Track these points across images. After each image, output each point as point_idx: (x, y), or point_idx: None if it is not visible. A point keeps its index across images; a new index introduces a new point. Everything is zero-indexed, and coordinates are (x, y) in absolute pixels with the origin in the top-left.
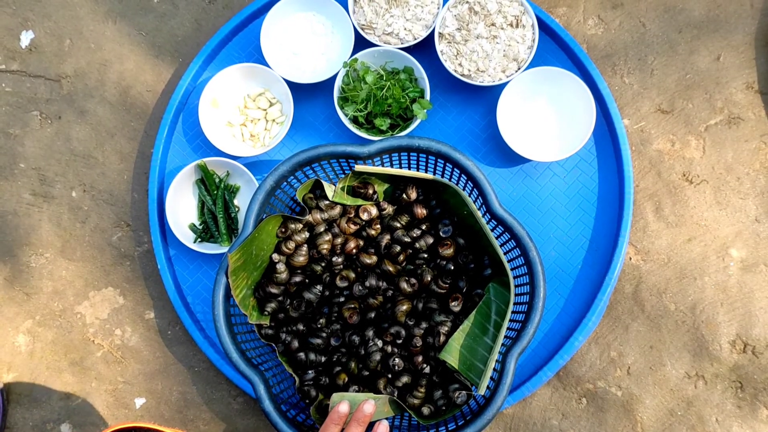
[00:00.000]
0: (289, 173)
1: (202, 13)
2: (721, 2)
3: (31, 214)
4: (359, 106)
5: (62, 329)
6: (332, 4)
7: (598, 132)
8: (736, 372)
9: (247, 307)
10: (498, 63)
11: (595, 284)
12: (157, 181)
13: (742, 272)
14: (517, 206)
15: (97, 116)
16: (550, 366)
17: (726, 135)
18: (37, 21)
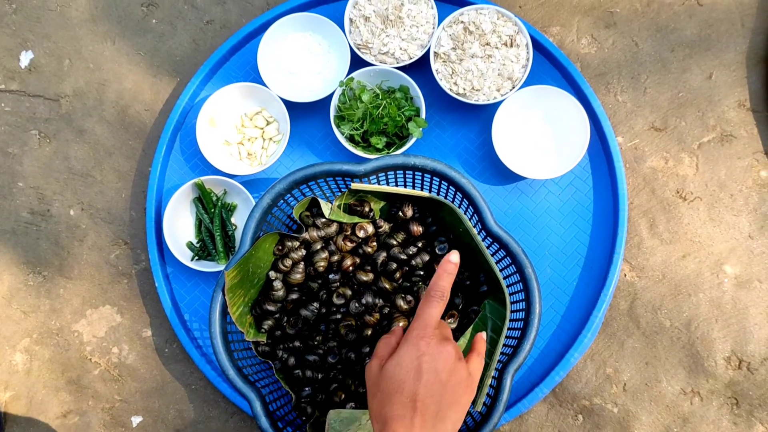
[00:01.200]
0: (285, 191)
1: (199, 33)
2: (712, 22)
3: (29, 233)
4: (355, 125)
5: (59, 347)
6: (329, 25)
7: (593, 150)
8: (732, 388)
9: (244, 325)
10: (493, 82)
11: (591, 301)
12: (155, 199)
13: (737, 288)
14: (512, 223)
15: (96, 135)
16: (546, 383)
17: (719, 152)
18: (36, 41)
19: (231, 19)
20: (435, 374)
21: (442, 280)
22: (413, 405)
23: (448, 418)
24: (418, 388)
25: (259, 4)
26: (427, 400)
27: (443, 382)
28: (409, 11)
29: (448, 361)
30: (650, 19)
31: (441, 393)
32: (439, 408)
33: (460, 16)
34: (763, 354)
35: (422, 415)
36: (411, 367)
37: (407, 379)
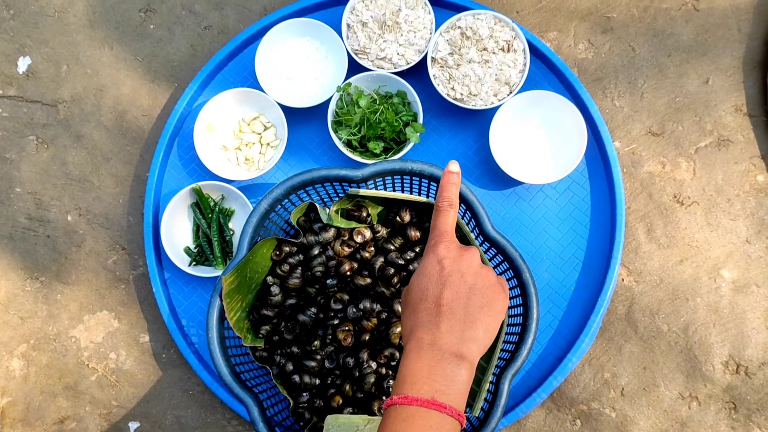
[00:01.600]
0: (283, 196)
1: (197, 38)
2: (708, 27)
3: (27, 238)
4: (353, 130)
5: (57, 353)
6: (326, 30)
7: (590, 154)
8: (730, 393)
9: (242, 330)
10: (490, 87)
11: (588, 305)
12: (153, 204)
13: (734, 293)
14: (509, 228)
15: (93, 141)
16: (544, 387)
17: (716, 157)
18: (34, 47)
19: (229, 25)
20: (459, 276)
21: (447, 191)
22: (438, 310)
23: (479, 321)
24: (443, 291)
25: (256, 9)
26: (452, 303)
27: (469, 284)
28: (407, 16)
29: (472, 263)
30: (647, 24)
31: (468, 295)
32: (467, 311)
33: (458, 21)
34: (761, 358)
35: (449, 319)
36: (433, 272)
37: (430, 284)
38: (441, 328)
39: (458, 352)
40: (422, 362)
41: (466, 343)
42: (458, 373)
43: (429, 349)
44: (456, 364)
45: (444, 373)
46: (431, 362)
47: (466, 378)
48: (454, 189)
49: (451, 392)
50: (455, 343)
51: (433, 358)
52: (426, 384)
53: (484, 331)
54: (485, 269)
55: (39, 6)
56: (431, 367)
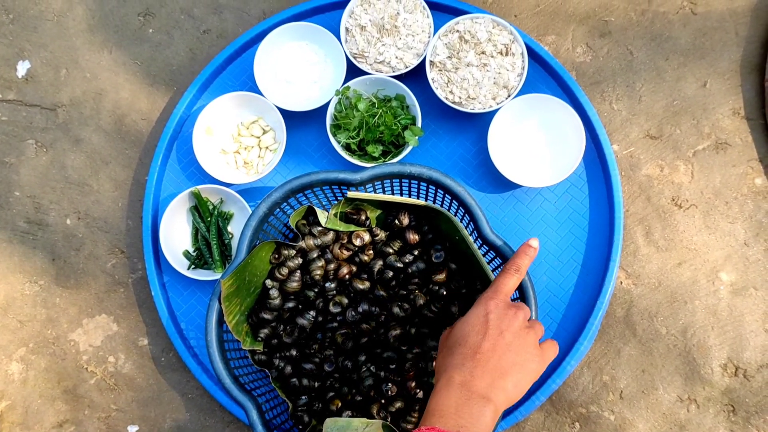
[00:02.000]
0: (282, 200)
1: (196, 42)
2: (706, 30)
3: (26, 242)
4: (351, 134)
5: (55, 357)
6: (325, 34)
7: (588, 158)
8: (728, 395)
9: (241, 333)
10: (488, 90)
11: (587, 308)
12: (152, 208)
13: (732, 296)
14: (508, 231)
15: (92, 144)
16: (543, 390)
17: (714, 160)
18: (33, 51)
19: (227, 29)
20: (499, 331)
21: (520, 259)
22: (474, 356)
23: (510, 375)
24: (482, 343)
25: (255, 13)
26: (488, 354)
27: (507, 341)
28: (405, 20)
29: (513, 322)
30: (645, 27)
31: (504, 350)
32: (500, 364)
33: (456, 25)
34: (759, 361)
35: (482, 366)
36: (477, 323)
37: (471, 332)
38: (474, 372)
39: (486, 395)
40: (451, 399)
41: (495, 391)
42: (484, 413)
43: (459, 389)
44: (483, 405)
45: (471, 411)
46: (459, 400)
47: (490, 420)
48: (527, 260)
49: (476, 430)
50: (484, 388)
51: (461, 396)
52: (453, 419)
53: (513, 385)
54: (528, 332)
55: (38, 10)
56: (459, 405)
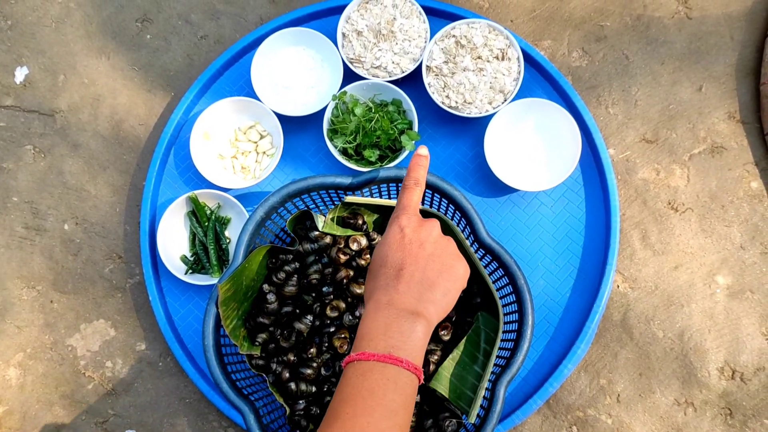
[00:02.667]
0: (279, 204)
1: (193, 48)
2: (701, 35)
3: (24, 247)
4: (348, 138)
5: (53, 362)
6: (321, 39)
7: (584, 162)
8: (725, 399)
9: (238, 338)
10: (485, 95)
11: (584, 312)
12: (149, 213)
13: (729, 299)
14: (505, 235)
15: (90, 150)
16: (540, 394)
17: (710, 164)
18: (31, 57)
19: (225, 35)
20: (419, 244)
21: (415, 172)
22: (397, 274)
23: (437, 285)
24: (403, 259)
25: (252, 19)
26: (411, 269)
27: (428, 252)
28: (401, 25)
29: (431, 232)
30: (640, 32)
31: (426, 261)
32: (425, 275)
33: (452, 30)
34: (756, 364)
35: (407, 282)
36: (394, 241)
37: (390, 251)
38: (399, 289)
39: (415, 310)
40: (379, 321)
41: (424, 304)
42: (414, 329)
43: (386, 308)
44: (412, 321)
45: (400, 329)
46: (388, 320)
47: (422, 335)
48: (422, 170)
49: (408, 347)
50: (412, 303)
51: (389, 316)
52: (382, 340)
53: (442, 294)
54: (445, 239)
55: (36, 17)
56: (387, 325)
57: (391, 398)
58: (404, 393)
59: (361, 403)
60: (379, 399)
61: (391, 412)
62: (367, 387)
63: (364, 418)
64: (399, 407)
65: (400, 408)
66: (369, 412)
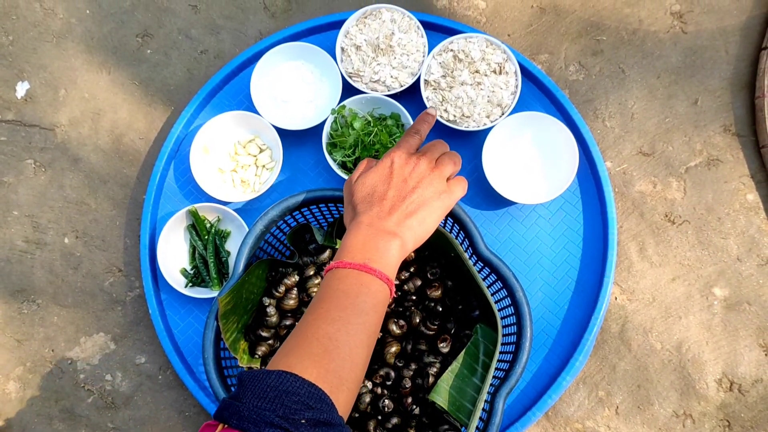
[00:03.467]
0: (278, 218)
1: (193, 62)
2: (697, 49)
3: (24, 261)
4: (347, 152)
5: (53, 376)
6: (320, 53)
7: (582, 174)
8: (724, 410)
9: (238, 351)
10: (482, 109)
11: (582, 324)
12: (149, 226)
13: (726, 311)
14: (503, 248)
15: (90, 164)
16: (539, 406)
17: (706, 176)
18: (32, 72)
19: (225, 49)
20: (402, 178)
21: (419, 124)
22: (380, 202)
23: (415, 214)
24: (387, 190)
25: (252, 34)
26: (393, 199)
27: (411, 186)
28: (400, 40)
29: (417, 167)
30: (636, 46)
31: (408, 194)
32: (405, 205)
33: (450, 44)
34: (754, 376)
35: (388, 209)
36: (382, 173)
37: (377, 182)
38: (380, 215)
39: (392, 231)
40: (359, 237)
41: (401, 228)
42: (390, 246)
43: (366, 228)
44: (388, 240)
45: (377, 245)
46: (366, 237)
47: (397, 252)
48: (425, 126)
49: (382, 261)
50: (390, 226)
51: (368, 234)
52: (360, 253)
53: (418, 222)
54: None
55: (37, 32)
56: (365, 241)
57: (362, 300)
58: (375, 298)
59: (335, 301)
60: (352, 299)
61: (361, 312)
62: (342, 289)
63: (336, 312)
64: (369, 309)
65: (371, 309)
66: (341, 308)
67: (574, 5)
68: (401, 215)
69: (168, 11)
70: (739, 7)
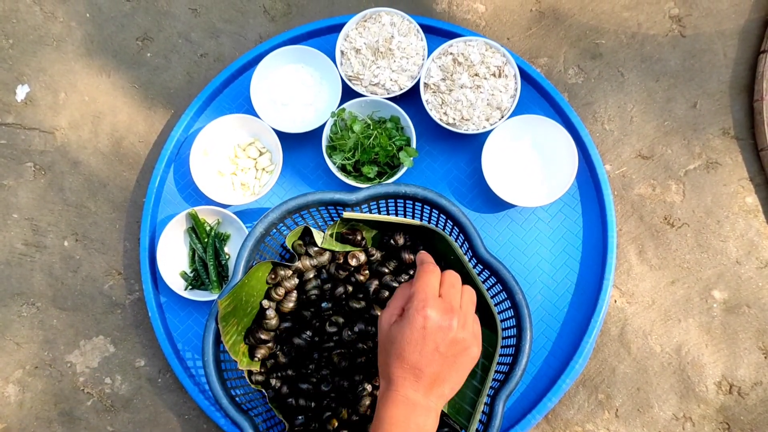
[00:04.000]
0: (278, 220)
1: (193, 66)
2: (695, 52)
3: (24, 264)
4: (347, 155)
5: (52, 379)
6: (320, 57)
7: (581, 177)
8: (723, 413)
9: (237, 354)
10: (482, 112)
11: (582, 327)
12: (149, 229)
13: (726, 313)
14: (503, 251)
15: (90, 167)
16: (539, 409)
17: (705, 179)
18: (32, 75)
19: (224, 53)
20: (434, 347)
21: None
22: (414, 371)
23: (447, 381)
24: (420, 360)
25: (252, 37)
26: (426, 369)
27: (443, 354)
28: (399, 43)
29: (447, 334)
30: (635, 50)
31: (440, 363)
32: (438, 374)
33: (449, 47)
34: (753, 379)
35: (422, 381)
36: (412, 339)
37: (408, 347)
38: (416, 388)
39: (427, 406)
40: (398, 411)
41: (434, 398)
42: (427, 422)
43: (403, 402)
44: (426, 414)
45: (417, 422)
46: (405, 412)
47: (432, 425)
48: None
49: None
50: (425, 399)
51: (406, 409)
52: (402, 428)
53: (450, 389)
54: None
55: (38, 35)
56: (406, 416)
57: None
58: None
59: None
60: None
61: None
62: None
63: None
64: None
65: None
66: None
67: (573, 9)
68: (435, 385)
69: (168, 15)
70: (737, 11)
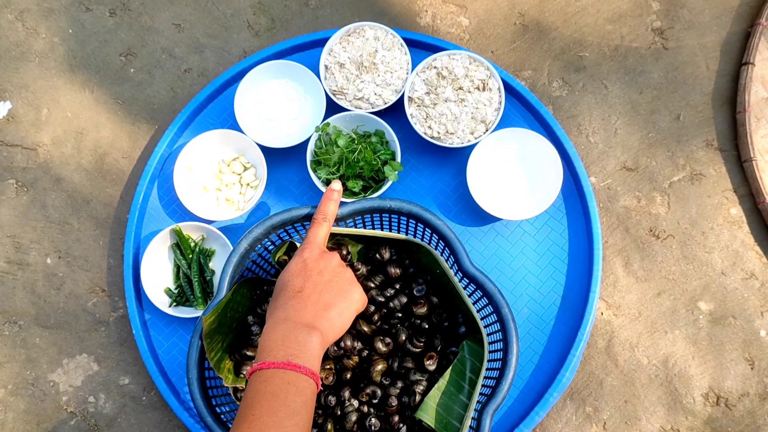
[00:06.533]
0: (263, 236)
1: (177, 81)
2: (678, 65)
3: (5, 282)
4: (332, 169)
5: (35, 398)
6: (304, 71)
7: (566, 190)
8: (711, 425)
9: (223, 370)
10: (466, 125)
11: (568, 340)
12: (133, 246)
13: (712, 325)
14: (489, 264)
15: (73, 183)
16: (527, 423)
17: (689, 191)
18: (14, 92)
19: (208, 68)
20: (318, 272)
21: (324, 206)
22: (296, 295)
23: (333, 306)
24: (303, 284)
25: (236, 52)
26: (309, 291)
27: (326, 279)
28: (383, 57)
29: (330, 262)
30: (618, 62)
31: (324, 287)
32: (321, 297)
33: (433, 61)
34: (740, 390)
35: (304, 302)
36: (296, 270)
37: (292, 278)
38: (297, 308)
39: (310, 324)
40: (277, 334)
41: (319, 320)
42: (310, 340)
43: (283, 323)
44: (308, 332)
45: (297, 339)
46: (285, 332)
47: (318, 345)
48: (332, 205)
49: (304, 355)
50: (309, 319)
51: (286, 329)
52: (281, 350)
53: (337, 314)
54: (343, 268)
55: (20, 51)
56: (285, 337)
57: (292, 399)
58: (304, 395)
59: (266, 405)
60: (281, 400)
61: (293, 412)
62: (270, 391)
63: (269, 417)
64: (300, 407)
65: (301, 408)
66: (273, 412)
67: (557, 22)
68: (318, 306)
69: (151, 30)
70: (719, 24)
